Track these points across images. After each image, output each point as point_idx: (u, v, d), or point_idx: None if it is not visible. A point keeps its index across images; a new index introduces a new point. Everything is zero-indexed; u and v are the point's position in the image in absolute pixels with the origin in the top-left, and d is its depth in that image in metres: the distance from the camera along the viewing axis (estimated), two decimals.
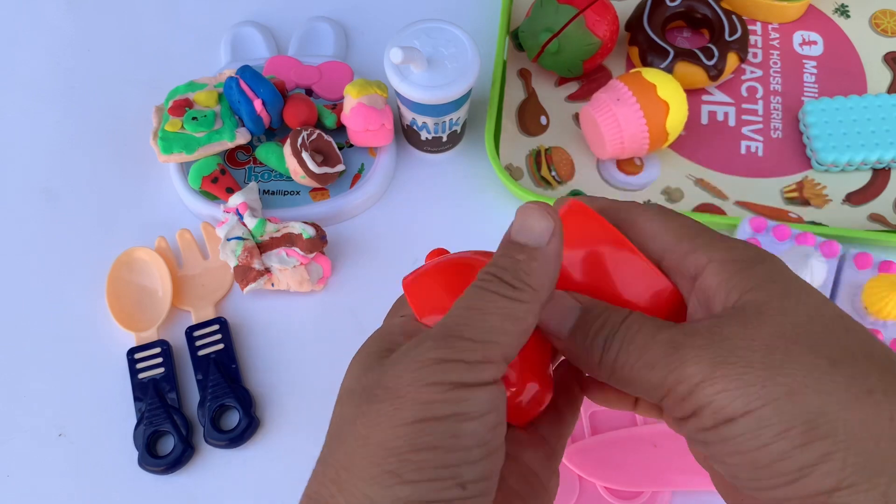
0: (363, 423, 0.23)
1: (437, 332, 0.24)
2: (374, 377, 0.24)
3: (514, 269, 0.24)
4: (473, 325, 0.23)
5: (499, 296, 0.24)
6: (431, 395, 0.22)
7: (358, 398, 0.24)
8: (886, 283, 0.44)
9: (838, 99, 0.58)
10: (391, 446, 0.22)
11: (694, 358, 0.22)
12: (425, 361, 0.23)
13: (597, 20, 0.56)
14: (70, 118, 0.61)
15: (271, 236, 0.52)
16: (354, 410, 0.24)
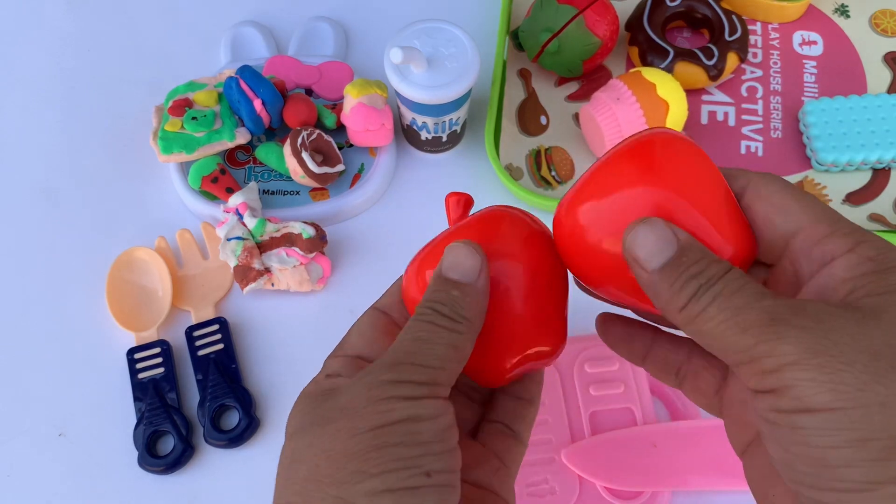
0: (322, 441, 0.25)
1: (387, 360, 0.26)
2: (326, 407, 0.26)
3: (451, 303, 0.27)
4: (421, 353, 0.26)
5: (440, 328, 0.26)
6: (387, 406, 0.25)
7: (311, 427, 0.26)
8: None
9: (838, 99, 0.58)
10: (354, 451, 0.24)
11: (794, 337, 0.21)
12: (379, 382, 0.25)
13: (597, 20, 0.56)
14: (70, 118, 0.61)
15: (271, 236, 0.52)
16: (309, 438, 0.25)
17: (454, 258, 0.28)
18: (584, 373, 0.49)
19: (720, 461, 0.46)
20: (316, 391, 0.28)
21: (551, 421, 0.47)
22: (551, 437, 0.47)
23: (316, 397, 0.27)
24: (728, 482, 0.46)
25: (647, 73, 0.53)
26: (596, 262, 0.27)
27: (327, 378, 0.29)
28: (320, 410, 0.26)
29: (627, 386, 0.48)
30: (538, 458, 0.46)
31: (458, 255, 0.28)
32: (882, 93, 0.59)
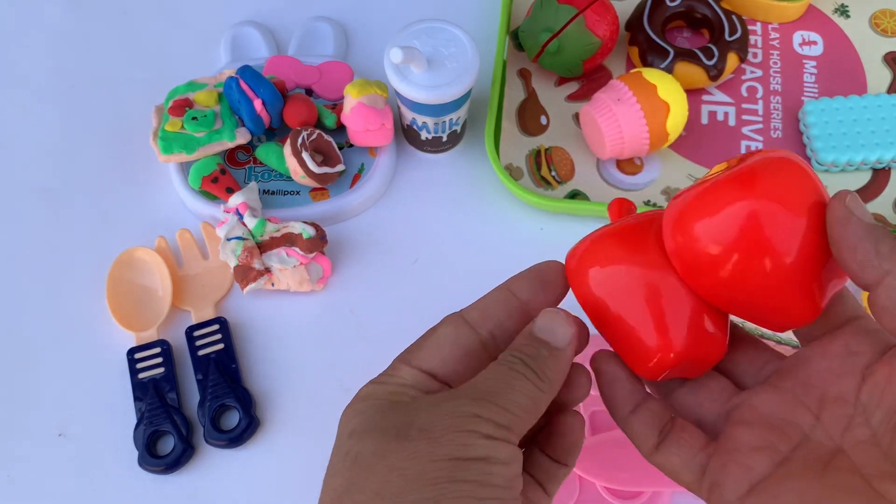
0: (398, 458, 0.25)
1: (471, 393, 0.26)
2: (402, 419, 0.26)
3: (539, 360, 0.27)
4: (504, 396, 0.26)
5: (525, 379, 0.27)
6: (468, 439, 0.25)
7: (385, 435, 0.26)
8: None
9: (838, 99, 0.58)
10: (430, 477, 0.24)
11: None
12: (462, 413, 0.25)
13: (597, 20, 0.56)
14: (70, 118, 0.61)
15: (271, 236, 0.52)
16: (383, 447, 0.26)
17: (550, 322, 0.29)
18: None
19: None
20: (384, 395, 0.28)
21: None
22: None
23: (387, 403, 0.27)
24: None
25: (648, 73, 0.53)
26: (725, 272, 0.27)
27: (399, 386, 0.28)
28: (393, 419, 0.26)
29: None
30: None
31: (553, 321, 0.29)
32: (882, 93, 0.59)
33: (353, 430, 0.27)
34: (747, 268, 0.26)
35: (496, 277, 0.55)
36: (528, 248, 0.55)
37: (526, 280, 0.31)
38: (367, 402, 0.28)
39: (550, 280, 0.31)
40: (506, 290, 0.31)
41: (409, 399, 0.27)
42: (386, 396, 0.28)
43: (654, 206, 0.56)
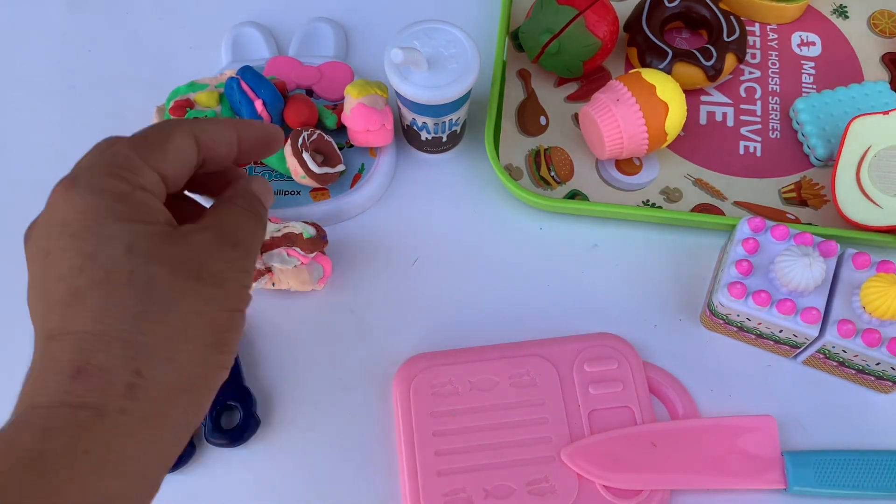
0: (196, 300, 0.29)
1: (230, 240, 0.31)
2: (191, 258, 0.30)
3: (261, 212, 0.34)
4: (251, 243, 0.33)
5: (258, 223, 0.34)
6: (244, 293, 0.31)
7: (179, 271, 0.29)
8: (884, 282, 0.44)
9: (826, 93, 0.58)
10: (220, 324, 0.30)
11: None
12: (240, 268, 0.31)
13: (597, 21, 0.56)
14: (71, 118, 0.61)
15: (272, 236, 0.52)
16: (181, 284, 0.29)
17: (265, 191, 0.36)
18: (584, 372, 0.49)
19: (719, 461, 0.47)
20: (138, 204, 0.31)
21: (550, 420, 0.48)
22: (550, 436, 0.47)
23: (167, 231, 0.31)
24: (727, 481, 0.46)
25: (647, 74, 0.53)
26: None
27: (142, 190, 0.31)
28: (181, 255, 0.30)
29: (626, 385, 0.49)
30: (537, 457, 0.47)
31: (267, 191, 0.36)
32: (867, 81, 0.59)
33: (133, 247, 0.28)
34: None
35: (496, 277, 0.55)
36: (528, 247, 0.55)
37: (255, 133, 0.35)
38: (124, 210, 0.29)
39: (271, 146, 0.35)
40: (234, 129, 0.34)
41: (173, 231, 0.30)
42: (146, 215, 0.29)
43: (652, 206, 0.56)
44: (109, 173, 0.30)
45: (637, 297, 0.54)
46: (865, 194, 0.52)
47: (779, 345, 0.50)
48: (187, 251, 0.29)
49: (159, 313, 0.27)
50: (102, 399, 0.26)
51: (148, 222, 0.29)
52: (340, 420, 0.50)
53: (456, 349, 0.50)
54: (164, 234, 0.29)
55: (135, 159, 0.30)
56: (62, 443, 0.25)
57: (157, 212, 0.30)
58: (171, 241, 0.29)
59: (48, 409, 0.26)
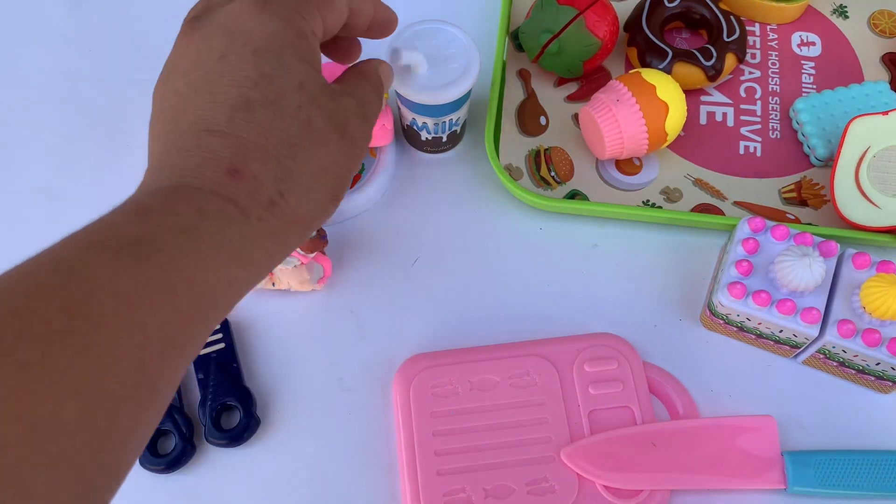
0: (333, 152, 0.33)
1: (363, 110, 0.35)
2: (338, 112, 0.33)
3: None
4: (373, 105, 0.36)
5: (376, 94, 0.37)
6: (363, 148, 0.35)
7: (328, 122, 0.33)
8: (884, 282, 0.44)
9: (826, 93, 0.58)
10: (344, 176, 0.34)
11: None
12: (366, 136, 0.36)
13: (597, 21, 0.56)
14: (70, 118, 0.61)
15: None
16: (326, 132, 0.33)
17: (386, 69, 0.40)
18: (584, 372, 0.49)
19: (719, 460, 0.47)
20: (312, 51, 0.34)
21: (550, 420, 0.48)
22: (550, 436, 0.47)
23: (314, 69, 0.34)
24: (727, 481, 0.46)
25: (647, 74, 0.53)
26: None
27: (313, 35, 0.34)
28: (331, 104, 0.34)
29: (626, 385, 0.49)
30: (537, 457, 0.47)
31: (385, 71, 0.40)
32: (867, 81, 0.59)
33: (303, 86, 0.32)
34: None
35: (496, 277, 0.55)
36: (528, 247, 0.55)
37: (383, 13, 0.39)
38: (305, 52, 0.32)
39: (389, 28, 0.40)
40: (372, 4, 0.37)
41: (331, 88, 0.33)
42: (316, 64, 0.33)
43: (652, 206, 0.56)
44: (296, 10, 0.32)
45: (637, 297, 0.54)
46: (864, 195, 0.52)
47: (779, 345, 0.50)
48: (338, 108, 0.32)
49: (310, 150, 0.31)
50: (248, 203, 0.29)
51: (315, 68, 0.32)
52: (340, 420, 0.50)
53: (456, 349, 0.50)
54: (324, 86, 0.32)
55: (312, 5, 0.33)
56: (214, 226, 0.28)
57: (319, 61, 0.33)
58: (328, 94, 0.32)
59: (200, 191, 0.29)
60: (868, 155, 0.52)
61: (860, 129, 0.52)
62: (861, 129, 0.52)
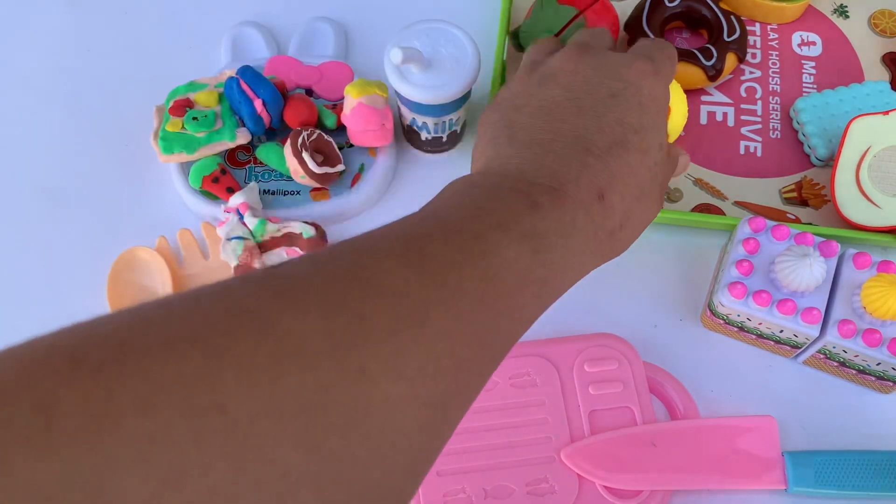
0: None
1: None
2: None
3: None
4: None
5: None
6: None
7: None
8: (885, 282, 0.44)
9: (827, 93, 0.58)
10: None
11: None
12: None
13: (597, 21, 0.56)
14: (70, 118, 0.61)
15: (272, 236, 0.52)
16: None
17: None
18: (584, 372, 0.49)
19: (719, 461, 0.47)
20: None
21: (550, 420, 0.48)
22: (551, 436, 0.47)
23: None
24: (727, 482, 0.46)
25: None
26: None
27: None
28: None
29: (626, 385, 0.49)
30: (538, 458, 0.47)
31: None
32: (868, 80, 0.59)
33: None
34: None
35: None
36: None
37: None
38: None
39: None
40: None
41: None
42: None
43: None
44: (670, 78, 0.42)
45: (637, 297, 0.53)
46: (865, 195, 0.52)
47: (779, 345, 0.50)
48: (667, 172, 0.40)
49: (648, 200, 0.37)
50: (601, 225, 0.33)
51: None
52: None
53: None
54: (664, 149, 0.38)
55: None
56: (580, 239, 0.33)
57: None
58: (665, 158, 0.39)
59: (574, 203, 0.32)
60: (869, 155, 0.52)
61: (861, 128, 0.52)
62: (862, 129, 0.52)
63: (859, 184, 0.52)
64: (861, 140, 0.52)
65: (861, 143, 0.52)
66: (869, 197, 0.52)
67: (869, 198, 0.52)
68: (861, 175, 0.52)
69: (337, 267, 0.26)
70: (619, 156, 0.34)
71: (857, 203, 0.52)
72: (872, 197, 0.52)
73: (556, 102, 0.36)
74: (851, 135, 0.52)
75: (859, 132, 0.52)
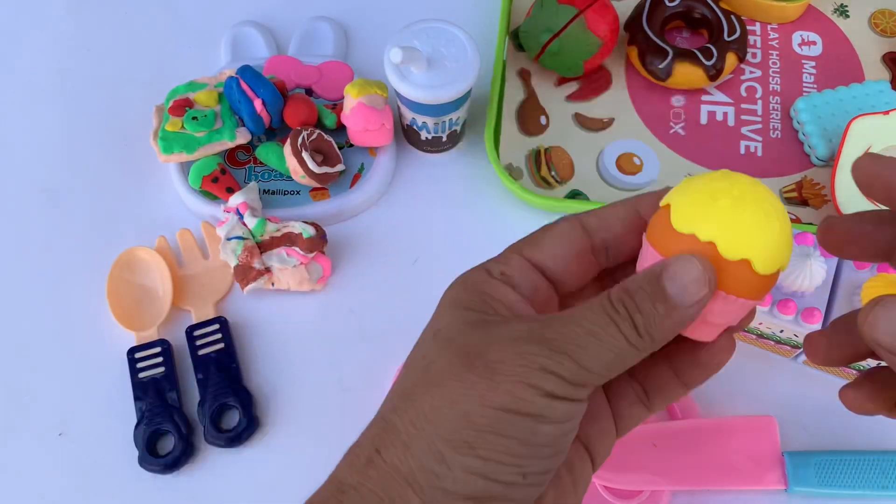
0: (455, 388, 0.25)
1: (550, 339, 0.24)
2: (478, 344, 0.25)
3: (649, 316, 0.24)
4: (588, 353, 0.24)
5: (622, 336, 0.24)
6: (525, 393, 0.24)
7: (457, 357, 0.25)
8: (885, 282, 0.44)
9: (826, 93, 0.58)
10: (476, 421, 0.24)
11: None
12: (530, 363, 0.24)
13: (597, 20, 0.56)
14: (70, 118, 0.61)
15: (271, 236, 0.52)
16: (450, 370, 0.25)
17: (683, 272, 0.24)
18: None
19: (720, 461, 0.47)
20: (476, 302, 0.27)
21: None
22: None
23: (478, 318, 0.26)
24: (727, 482, 0.46)
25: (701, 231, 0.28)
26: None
27: (500, 277, 0.28)
28: (471, 341, 0.26)
29: None
30: None
31: (688, 272, 0.24)
32: (868, 80, 0.59)
33: (439, 332, 0.27)
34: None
35: None
36: None
37: (656, 199, 0.28)
38: (465, 297, 0.27)
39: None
40: (630, 205, 0.29)
41: (498, 318, 0.26)
42: (478, 301, 0.27)
43: None
44: (480, 266, 0.29)
45: None
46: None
47: (779, 345, 0.50)
48: (481, 339, 0.25)
49: (417, 397, 0.26)
50: (352, 478, 0.27)
51: (476, 309, 0.27)
52: (339, 420, 0.50)
53: None
54: (478, 322, 0.26)
55: (507, 252, 0.29)
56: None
57: (500, 301, 0.27)
58: (476, 329, 0.26)
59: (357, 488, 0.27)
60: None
61: (861, 128, 0.52)
62: (862, 129, 0.52)
63: None
64: (861, 140, 0.52)
65: (861, 143, 0.52)
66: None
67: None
68: None
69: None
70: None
71: (857, 203, 0.52)
72: None
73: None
74: (852, 134, 0.52)
75: (859, 132, 0.52)
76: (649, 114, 0.60)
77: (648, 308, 0.24)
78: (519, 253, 0.28)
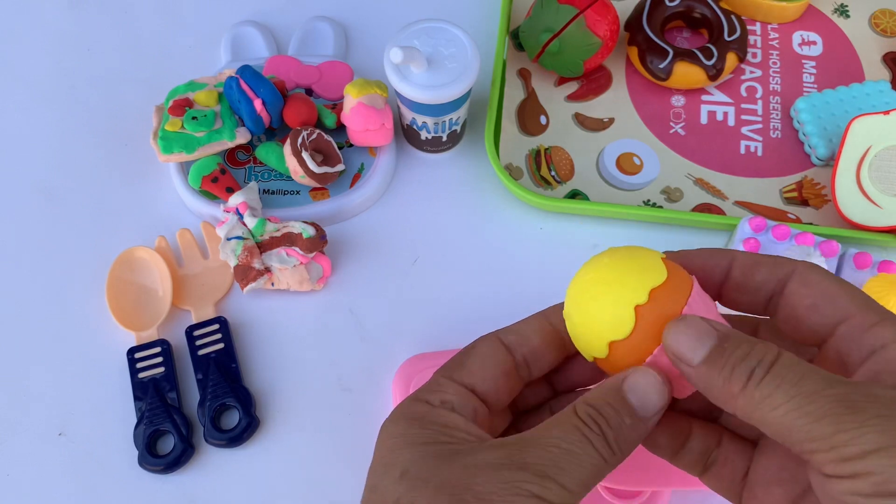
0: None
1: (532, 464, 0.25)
2: (459, 477, 0.25)
3: (618, 429, 0.25)
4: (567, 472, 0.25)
5: (595, 451, 0.25)
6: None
7: (437, 495, 0.25)
8: (886, 282, 0.44)
9: (827, 92, 0.58)
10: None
11: (874, 426, 0.22)
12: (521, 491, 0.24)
13: (597, 20, 0.56)
14: (70, 118, 0.61)
15: (271, 236, 0.52)
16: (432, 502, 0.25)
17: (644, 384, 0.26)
18: None
19: None
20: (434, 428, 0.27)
21: None
22: None
23: (445, 449, 0.26)
24: None
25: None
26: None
27: (442, 405, 0.28)
28: (450, 475, 0.25)
29: None
30: None
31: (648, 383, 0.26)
32: (868, 80, 0.59)
33: (407, 472, 0.26)
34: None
35: (496, 277, 0.55)
36: (528, 247, 0.55)
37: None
38: (407, 429, 0.27)
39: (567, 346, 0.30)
40: (543, 317, 0.30)
41: (463, 446, 0.26)
42: (437, 433, 0.27)
43: (653, 206, 0.56)
44: (415, 398, 0.29)
45: None
46: (865, 195, 0.52)
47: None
48: (460, 472, 0.25)
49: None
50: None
51: (436, 442, 0.27)
52: (339, 420, 0.50)
53: (456, 349, 0.50)
54: (445, 454, 0.26)
55: (439, 379, 0.29)
56: None
57: (453, 428, 0.27)
58: (447, 462, 0.26)
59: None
60: (869, 154, 0.52)
61: (861, 128, 0.52)
62: (862, 129, 0.52)
63: (860, 183, 0.52)
64: (861, 140, 0.52)
65: (862, 143, 0.52)
66: (869, 197, 0.52)
67: (869, 197, 0.52)
68: (862, 175, 0.52)
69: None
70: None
71: (857, 203, 0.52)
72: (873, 197, 0.52)
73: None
74: (852, 134, 0.52)
75: (860, 132, 0.52)
76: (649, 114, 0.60)
77: (617, 421, 0.25)
78: (450, 378, 0.29)
